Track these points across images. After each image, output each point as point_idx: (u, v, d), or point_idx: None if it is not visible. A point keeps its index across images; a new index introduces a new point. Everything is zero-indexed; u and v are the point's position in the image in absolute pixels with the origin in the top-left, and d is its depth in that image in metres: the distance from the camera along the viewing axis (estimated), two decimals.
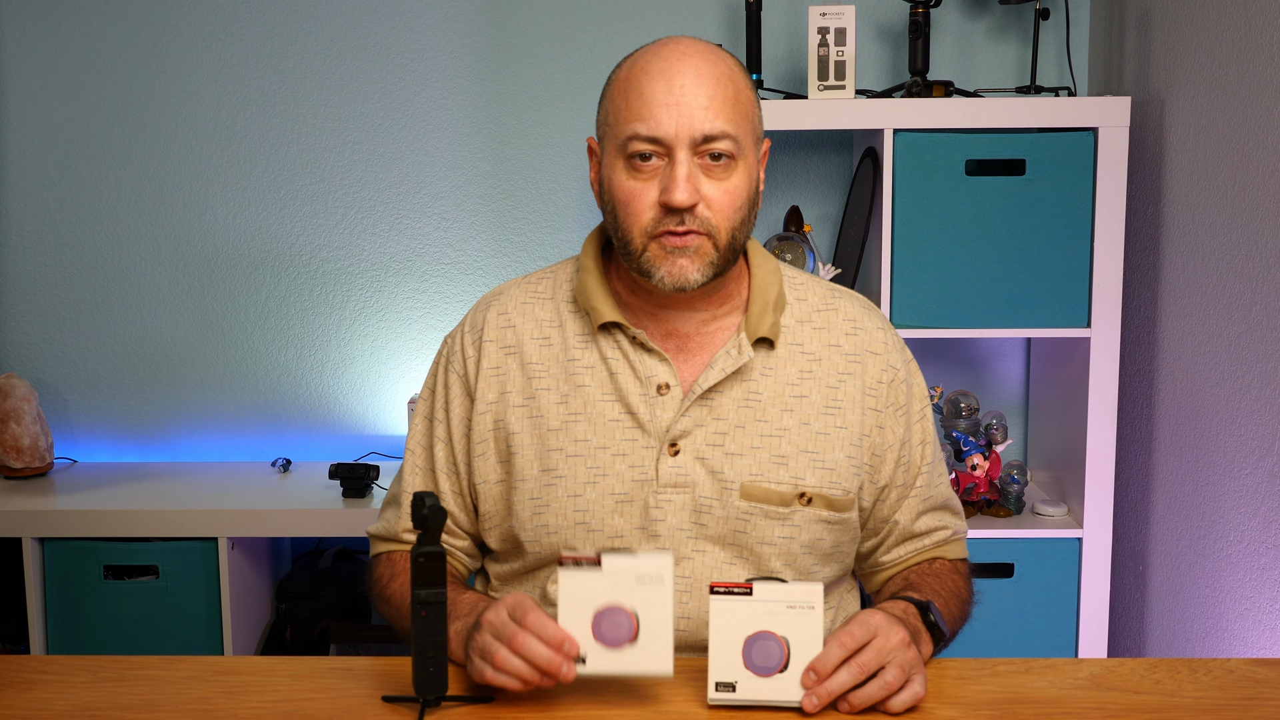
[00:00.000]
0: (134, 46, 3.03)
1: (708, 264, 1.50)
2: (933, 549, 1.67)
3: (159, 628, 2.75)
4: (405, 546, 1.68)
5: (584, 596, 1.34)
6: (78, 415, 3.16)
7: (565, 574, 1.34)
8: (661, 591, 1.33)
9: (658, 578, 1.33)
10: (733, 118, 1.48)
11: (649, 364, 1.56)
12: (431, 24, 3.02)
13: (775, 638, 1.34)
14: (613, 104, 1.52)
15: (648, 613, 1.33)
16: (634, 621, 1.33)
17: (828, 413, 1.57)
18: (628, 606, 1.33)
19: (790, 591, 1.34)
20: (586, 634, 1.33)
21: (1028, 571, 2.67)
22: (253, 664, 1.50)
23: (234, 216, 3.09)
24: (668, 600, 1.33)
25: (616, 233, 1.53)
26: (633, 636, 1.33)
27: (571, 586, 1.34)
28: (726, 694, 1.34)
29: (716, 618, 1.34)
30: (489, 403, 1.60)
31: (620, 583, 1.33)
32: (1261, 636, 2.23)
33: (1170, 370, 2.60)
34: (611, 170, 1.52)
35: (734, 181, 1.49)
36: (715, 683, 1.34)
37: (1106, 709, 1.37)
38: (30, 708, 1.38)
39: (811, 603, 1.34)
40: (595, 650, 1.33)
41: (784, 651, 1.34)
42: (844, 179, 3.03)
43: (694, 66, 1.48)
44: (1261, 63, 2.22)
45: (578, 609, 1.34)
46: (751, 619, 1.34)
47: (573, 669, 1.32)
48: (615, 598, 1.33)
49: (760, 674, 1.34)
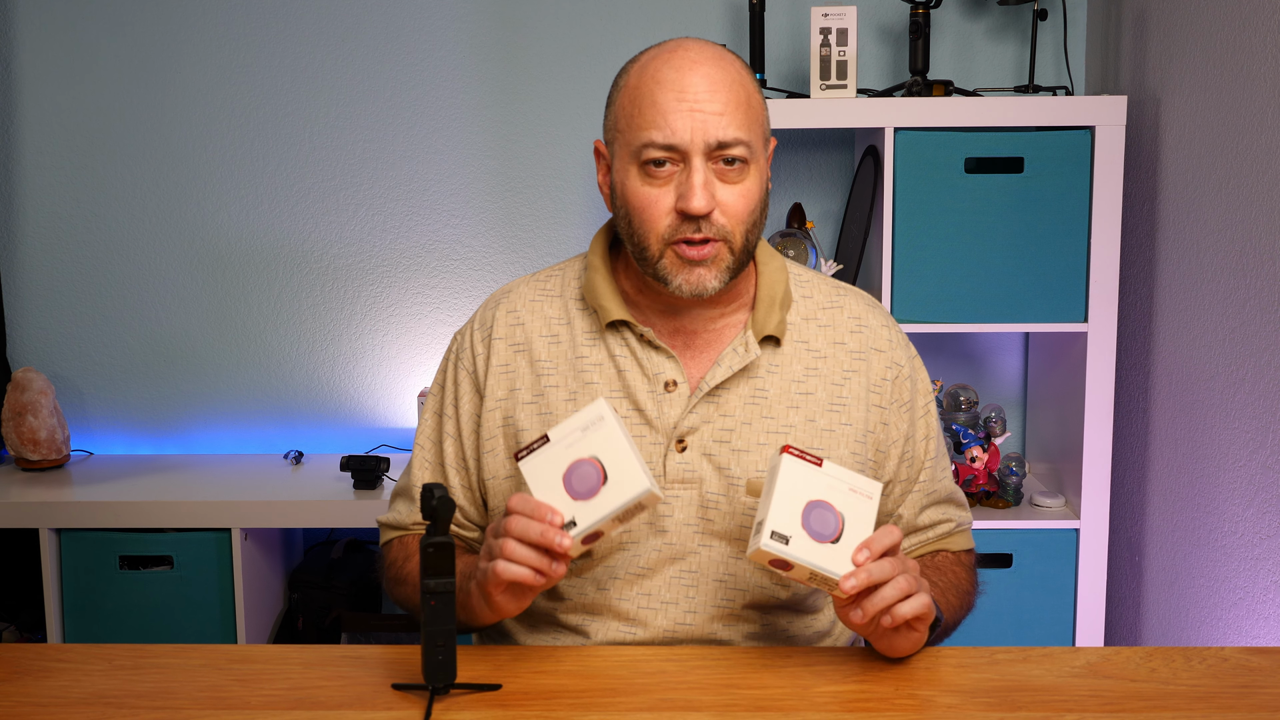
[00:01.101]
0: (149, 47, 3.05)
1: (725, 270, 1.51)
2: (936, 541, 1.68)
3: (174, 617, 2.77)
4: (415, 534, 1.70)
5: (547, 471, 1.39)
6: (94, 408, 3.18)
7: (524, 464, 1.40)
8: (606, 428, 1.39)
9: (598, 419, 1.40)
10: (745, 123, 1.49)
11: (656, 361, 1.56)
12: (441, 23, 3.03)
13: (834, 510, 1.38)
14: (623, 110, 1.52)
15: (605, 452, 1.39)
16: (598, 465, 1.39)
17: (833, 409, 1.58)
18: (586, 456, 1.39)
19: (855, 478, 1.40)
20: (565, 500, 1.38)
21: (1026, 562, 2.68)
22: (265, 652, 1.50)
23: (247, 213, 3.11)
24: (616, 433, 1.39)
25: (631, 238, 1.53)
26: (603, 479, 1.38)
27: (533, 470, 1.40)
28: (779, 544, 1.35)
29: (785, 476, 1.37)
30: (498, 399, 1.61)
31: (570, 441, 1.39)
32: (1255, 625, 2.24)
33: (1166, 364, 2.60)
34: (625, 176, 1.52)
35: (747, 185, 1.50)
36: (772, 531, 1.35)
37: (1103, 697, 1.37)
38: (47, 695, 1.39)
39: (871, 493, 1.39)
40: (579, 509, 1.38)
41: (839, 524, 1.37)
42: (845, 177, 3.04)
43: (706, 74, 1.48)
44: (1255, 63, 2.22)
45: (548, 484, 1.39)
46: (816, 487, 1.38)
47: (567, 537, 1.36)
48: (572, 455, 1.39)
49: (814, 539, 1.36)
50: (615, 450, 1.39)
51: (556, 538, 1.35)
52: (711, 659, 1.47)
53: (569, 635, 1.59)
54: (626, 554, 1.56)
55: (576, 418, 1.40)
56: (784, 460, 1.39)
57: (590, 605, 1.57)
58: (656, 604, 1.55)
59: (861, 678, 1.42)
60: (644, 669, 1.44)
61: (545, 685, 1.40)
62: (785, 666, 1.45)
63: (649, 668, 1.44)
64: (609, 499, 1.38)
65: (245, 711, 1.35)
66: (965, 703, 1.36)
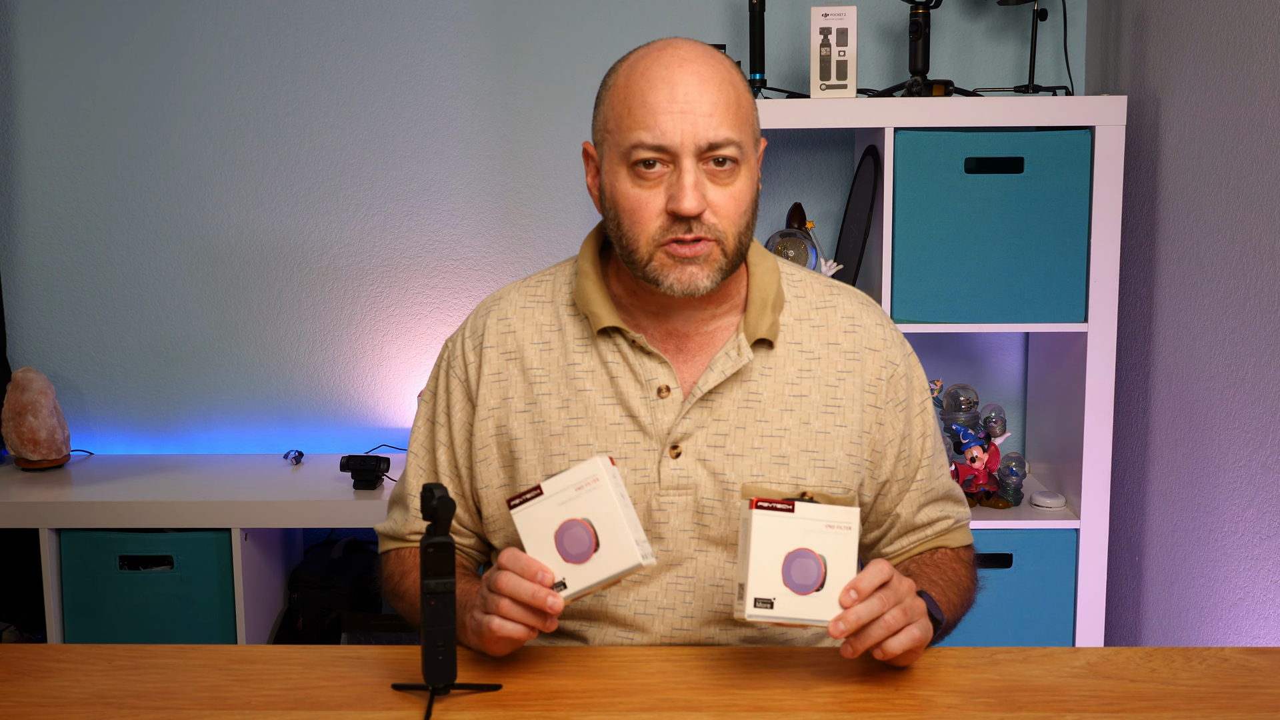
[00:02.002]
0: (149, 47, 3.05)
1: (717, 269, 1.50)
2: (935, 538, 1.67)
3: (174, 617, 2.77)
4: (411, 544, 1.69)
5: (539, 526, 1.37)
6: (94, 408, 3.18)
7: (517, 514, 1.38)
8: (601, 491, 1.36)
9: (592, 480, 1.37)
10: (736, 123, 1.47)
11: (649, 367, 1.55)
12: (441, 23, 3.03)
13: (814, 556, 1.34)
14: (612, 110, 1.50)
15: (598, 517, 1.36)
16: (590, 530, 1.37)
17: (827, 411, 1.57)
18: (579, 518, 1.37)
19: (830, 512, 1.35)
20: (557, 560, 1.37)
21: (1026, 562, 2.68)
22: (265, 653, 1.50)
23: (247, 213, 3.11)
24: (610, 498, 1.36)
25: (621, 240, 1.52)
26: (594, 545, 1.37)
27: (526, 522, 1.38)
28: (764, 610, 1.34)
29: (759, 533, 1.34)
30: (491, 408, 1.60)
31: (564, 498, 1.37)
32: (1255, 625, 2.24)
33: (1166, 364, 2.61)
34: (614, 177, 1.51)
35: (738, 186, 1.49)
36: (754, 598, 1.34)
37: (1103, 697, 1.37)
38: (47, 695, 1.39)
39: (849, 524, 1.35)
40: (570, 571, 1.37)
41: (821, 570, 1.34)
42: (845, 177, 3.04)
43: (695, 73, 1.47)
44: (1255, 63, 2.22)
45: (539, 540, 1.37)
46: (792, 535, 1.34)
47: (557, 597, 1.35)
48: (565, 514, 1.37)
49: (798, 591, 1.34)
50: (608, 516, 1.37)
51: (548, 599, 1.35)
52: (711, 660, 1.47)
53: (567, 641, 1.59)
54: None
55: (573, 473, 1.38)
56: (754, 516, 1.35)
57: (588, 611, 1.57)
58: (654, 609, 1.55)
59: (861, 678, 1.42)
60: (644, 669, 1.44)
61: (545, 685, 1.40)
62: (785, 666, 1.45)
63: (649, 668, 1.45)
64: (599, 567, 1.37)
65: (245, 712, 1.35)
66: (965, 703, 1.36)
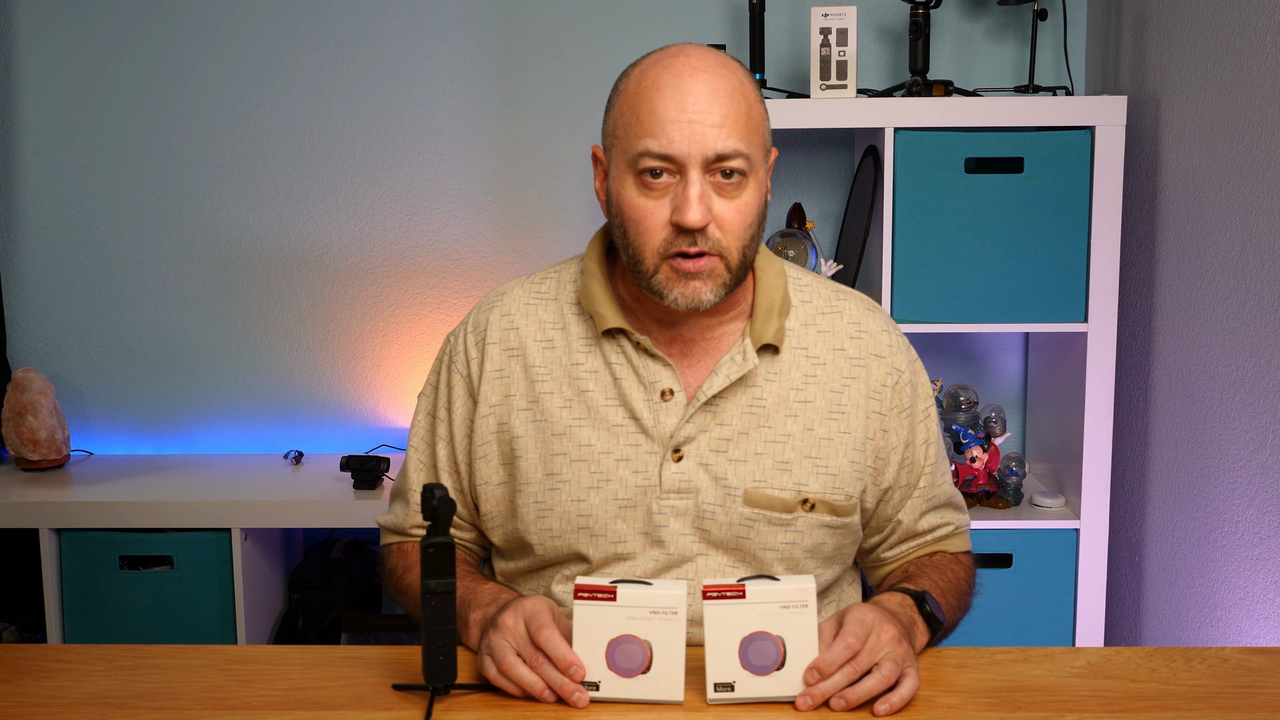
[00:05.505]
0: (149, 47, 3.05)
1: (720, 284, 1.48)
2: (934, 544, 1.68)
3: (174, 617, 2.77)
4: (414, 539, 1.70)
5: (599, 627, 1.34)
6: (94, 408, 3.18)
7: (579, 608, 1.34)
8: (675, 623, 1.33)
9: (671, 610, 1.33)
10: (745, 135, 1.45)
11: (653, 369, 1.54)
12: (441, 24, 3.03)
13: (770, 637, 1.33)
14: (621, 116, 1.49)
15: (661, 643, 1.34)
16: (647, 651, 1.34)
17: (831, 418, 1.57)
18: (641, 637, 1.34)
19: (784, 591, 1.33)
20: (600, 662, 1.34)
21: (1026, 562, 2.68)
22: (265, 653, 1.50)
23: (247, 213, 3.11)
24: (680, 631, 1.33)
25: (627, 249, 1.50)
26: (645, 666, 1.34)
27: (587, 618, 1.34)
28: (725, 694, 1.34)
29: (711, 623, 1.33)
30: (492, 405, 1.59)
31: (635, 615, 1.34)
32: (1255, 625, 2.24)
33: (1166, 364, 2.61)
34: (621, 184, 1.49)
35: (745, 199, 1.47)
36: (714, 683, 1.34)
37: (1103, 697, 1.38)
38: (47, 696, 1.39)
39: (805, 600, 1.33)
40: (608, 678, 1.34)
41: (780, 650, 1.34)
42: (845, 177, 3.04)
43: (707, 82, 1.45)
44: (1255, 63, 2.23)
45: (592, 639, 1.34)
46: (746, 621, 1.33)
47: (584, 696, 1.33)
48: (629, 629, 1.34)
49: (757, 673, 1.34)
50: (672, 648, 1.34)
51: (574, 695, 1.33)
52: None
53: None
54: (624, 564, 1.55)
55: (652, 592, 1.34)
56: (706, 608, 1.34)
57: None
58: None
59: None
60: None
61: None
62: None
63: None
64: (643, 688, 1.35)
65: (245, 712, 1.35)
66: (965, 703, 1.37)
